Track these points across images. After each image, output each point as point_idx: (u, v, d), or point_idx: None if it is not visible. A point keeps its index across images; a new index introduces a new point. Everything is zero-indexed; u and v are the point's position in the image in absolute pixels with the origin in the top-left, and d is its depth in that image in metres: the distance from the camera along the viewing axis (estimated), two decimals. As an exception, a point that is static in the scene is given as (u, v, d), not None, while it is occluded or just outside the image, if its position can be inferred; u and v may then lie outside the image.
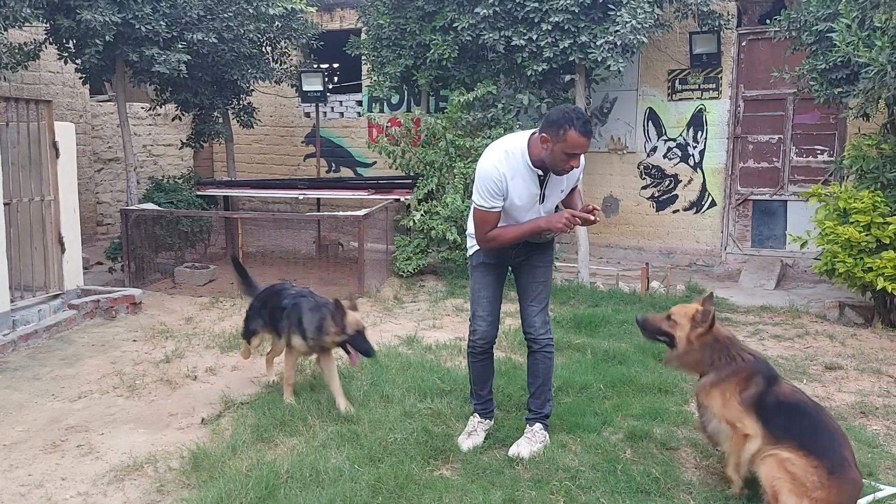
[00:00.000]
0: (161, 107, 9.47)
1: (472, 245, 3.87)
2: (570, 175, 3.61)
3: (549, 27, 7.50)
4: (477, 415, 3.99)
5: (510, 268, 3.90)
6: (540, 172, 3.52)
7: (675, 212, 9.48)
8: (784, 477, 3.03)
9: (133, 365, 5.29)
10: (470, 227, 3.82)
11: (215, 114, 9.48)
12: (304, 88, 9.85)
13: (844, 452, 3.08)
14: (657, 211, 9.58)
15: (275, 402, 4.40)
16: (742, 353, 3.45)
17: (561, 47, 7.53)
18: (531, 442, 3.75)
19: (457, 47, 8.12)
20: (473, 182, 3.66)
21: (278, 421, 4.14)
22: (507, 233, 3.60)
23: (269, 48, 9.54)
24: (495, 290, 3.85)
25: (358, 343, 4.20)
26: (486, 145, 4.16)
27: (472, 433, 3.90)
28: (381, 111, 10.99)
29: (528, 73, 7.87)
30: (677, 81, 9.29)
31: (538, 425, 3.82)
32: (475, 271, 3.87)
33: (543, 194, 3.59)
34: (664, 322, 3.60)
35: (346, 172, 11.69)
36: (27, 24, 6.87)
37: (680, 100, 9.30)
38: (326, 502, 3.18)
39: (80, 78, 8.68)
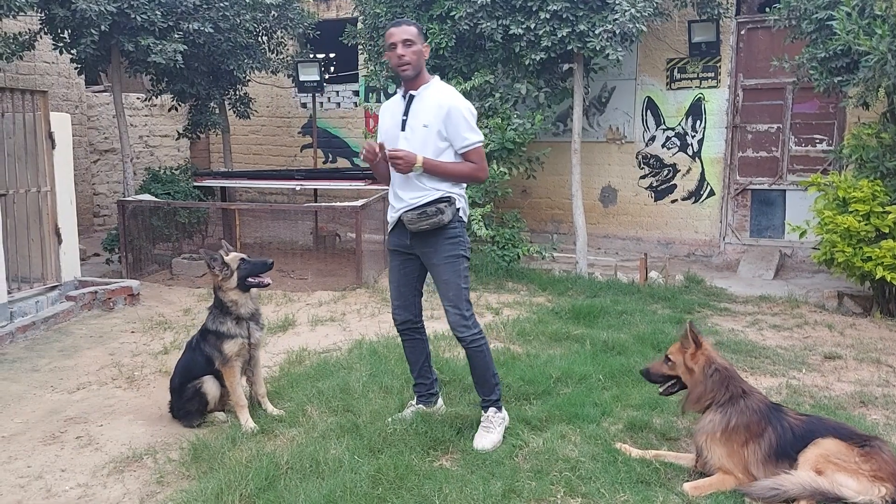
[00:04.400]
0: (157, 97, 9.43)
1: None
2: (434, 114, 3.59)
3: (548, 16, 7.45)
4: (415, 396, 4.10)
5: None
6: (410, 94, 3.70)
7: (673, 202, 9.46)
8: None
9: (131, 356, 5.28)
10: None
11: (212, 104, 9.44)
12: (300, 78, 9.79)
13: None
14: (655, 201, 9.56)
15: (274, 394, 4.40)
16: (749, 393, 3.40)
17: (559, 36, 7.49)
18: (489, 430, 3.76)
19: (454, 36, 8.06)
20: None
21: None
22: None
23: (265, 38, 9.49)
24: (397, 276, 3.94)
25: (250, 268, 4.07)
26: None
27: (405, 411, 4.02)
28: (378, 101, 10.93)
29: (526, 63, 7.83)
30: (676, 70, 9.25)
31: (491, 409, 3.83)
32: None
33: (405, 121, 3.68)
34: (664, 366, 3.63)
35: (342, 163, 11.65)
36: (22, 13, 6.83)
37: (679, 89, 9.27)
38: (327, 493, 3.18)
39: (76, 68, 8.64)
